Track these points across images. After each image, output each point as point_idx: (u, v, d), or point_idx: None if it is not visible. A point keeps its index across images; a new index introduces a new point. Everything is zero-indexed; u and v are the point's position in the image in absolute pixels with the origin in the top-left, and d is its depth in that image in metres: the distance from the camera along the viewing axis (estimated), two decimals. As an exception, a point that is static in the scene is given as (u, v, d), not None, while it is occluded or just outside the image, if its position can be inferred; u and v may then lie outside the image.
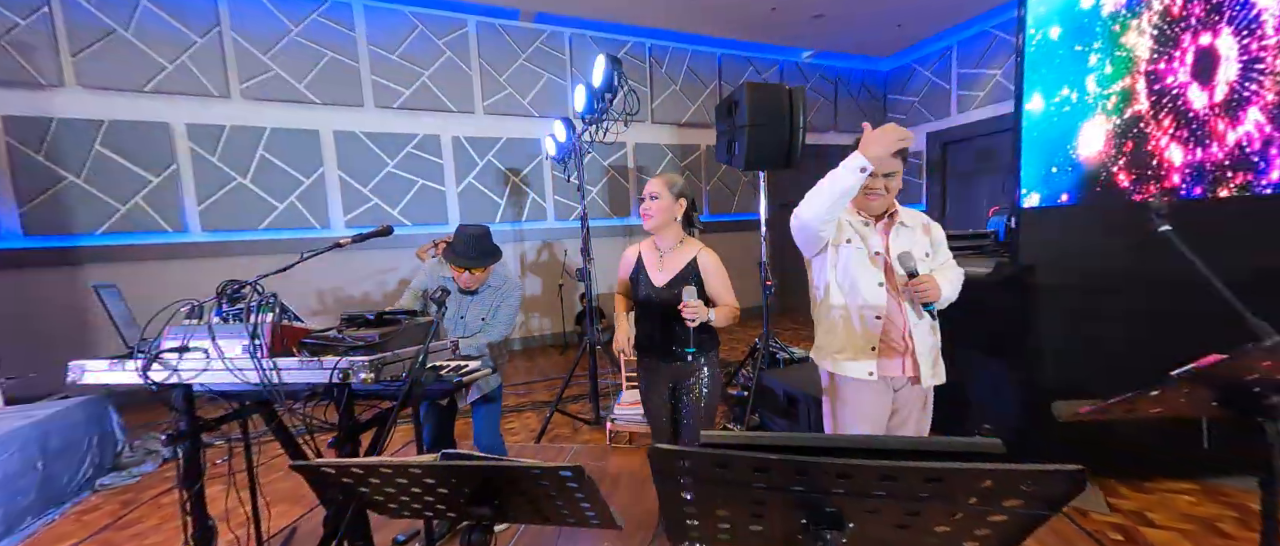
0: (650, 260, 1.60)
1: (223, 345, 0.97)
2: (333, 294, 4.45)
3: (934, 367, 1.42)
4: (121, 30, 3.67)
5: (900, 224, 1.44)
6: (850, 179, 1.24)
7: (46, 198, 3.54)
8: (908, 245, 1.40)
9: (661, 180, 1.55)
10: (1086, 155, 2.12)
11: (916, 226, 1.46)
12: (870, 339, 1.40)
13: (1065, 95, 2.09)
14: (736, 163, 3.00)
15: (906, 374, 1.41)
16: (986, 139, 5.58)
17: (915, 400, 1.44)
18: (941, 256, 1.47)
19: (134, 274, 3.73)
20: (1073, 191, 2.13)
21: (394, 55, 4.50)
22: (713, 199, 6.00)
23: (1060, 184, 2.13)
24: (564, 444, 2.85)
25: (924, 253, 1.43)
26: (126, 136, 3.71)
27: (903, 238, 1.43)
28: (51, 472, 2.35)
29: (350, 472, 0.63)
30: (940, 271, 1.43)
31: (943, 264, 1.47)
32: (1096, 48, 2.08)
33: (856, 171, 1.23)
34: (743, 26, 5.25)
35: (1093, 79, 2.08)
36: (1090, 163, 2.12)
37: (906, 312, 1.38)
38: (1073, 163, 2.12)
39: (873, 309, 1.39)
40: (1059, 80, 2.09)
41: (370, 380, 0.93)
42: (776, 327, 3.20)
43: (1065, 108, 2.09)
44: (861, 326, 1.40)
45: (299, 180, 4.25)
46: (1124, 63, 2.08)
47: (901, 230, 1.43)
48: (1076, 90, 2.09)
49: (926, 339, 1.40)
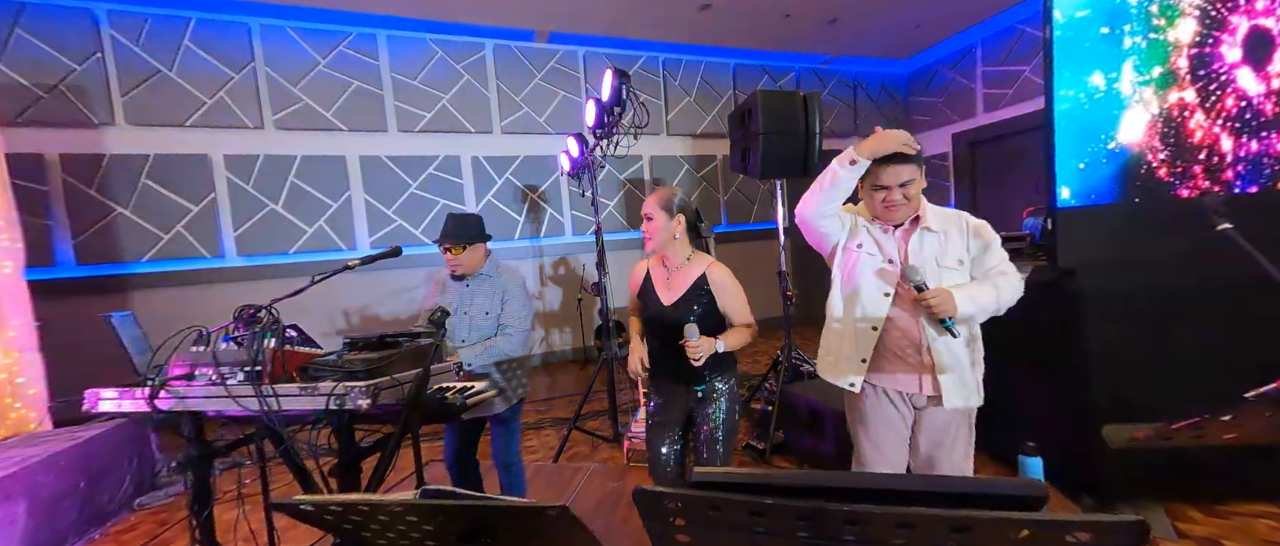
0: (658, 277, 1.52)
1: (227, 372, 0.98)
2: (360, 313, 4.56)
3: (963, 388, 1.28)
4: (166, 70, 3.92)
5: (924, 229, 1.31)
6: (840, 172, 1.23)
7: (97, 228, 3.78)
8: (933, 252, 1.30)
9: (655, 199, 1.47)
10: (1125, 148, 1.96)
11: (947, 230, 1.32)
12: (861, 350, 1.32)
13: (1099, 84, 1.95)
14: (752, 172, 2.94)
15: (925, 392, 1.30)
16: (1017, 138, 5.33)
17: (948, 422, 1.31)
18: (991, 260, 1.30)
19: (175, 298, 3.92)
20: (1112, 188, 1.97)
21: (415, 81, 4.65)
22: (731, 209, 5.92)
23: (1098, 180, 1.97)
24: (581, 462, 2.79)
25: (957, 260, 1.29)
26: (169, 169, 3.93)
27: (927, 244, 1.31)
28: (93, 492, 2.44)
29: (329, 510, 0.60)
30: (977, 283, 1.27)
31: (991, 269, 1.29)
32: (1130, 31, 1.93)
33: (847, 164, 1.23)
34: (756, 36, 5.21)
35: (1129, 65, 1.94)
36: (1130, 157, 1.96)
37: (923, 327, 1.27)
38: (1111, 157, 1.96)
39: (870, 320, 1.31)
40: (1091, 68, 1.95)
41: (367, 406, 0.92)
42: (798, 338, 3.08)
43: (1098, 97, 1.95)
44: (855, 337, 1.33)
45: (327, 204, 4.41)
46: (1162, 46, 1.93)
47: (925, 236, 1.31)
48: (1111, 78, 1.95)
49: (954, 357, 1.27)
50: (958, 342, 1.25)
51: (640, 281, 1.56)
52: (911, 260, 1.29)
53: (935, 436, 1.32)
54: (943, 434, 1.32)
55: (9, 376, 2.58)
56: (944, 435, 1.32)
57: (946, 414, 1.30)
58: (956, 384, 1.28)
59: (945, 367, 1.27)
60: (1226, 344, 1.83)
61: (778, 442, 2.78)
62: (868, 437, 1.37)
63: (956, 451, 1.32)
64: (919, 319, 1.28)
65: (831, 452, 2.46)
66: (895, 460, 1.35)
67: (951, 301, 1.20)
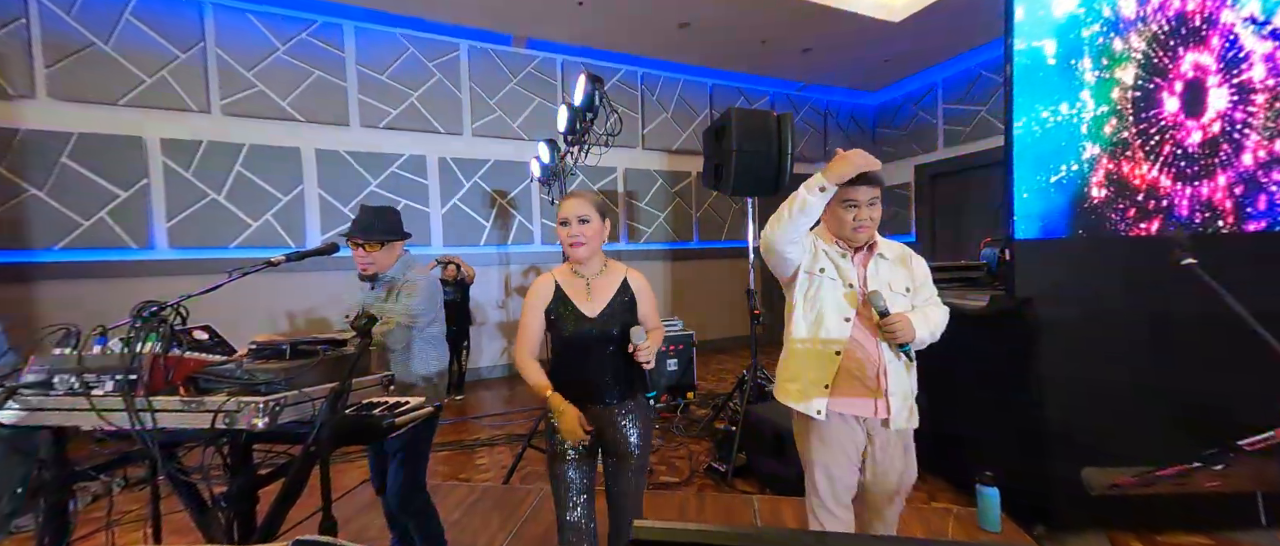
0: (574, 289, 1.34)
1: (92, 379, 0.82)
2: (304, 315, 4.25)
3: (907, 410, 1.33)
4: (101, 43, 3.60)
5: (879, 256, 1.37)
6: (809, 198, 1.23)
7: (4, 210, 3.38)
8: (887, 278, 1.35)
9: (587, 200, 1.32)
10: (1080, 182, 2.04)
11: (896, 259, 1.39)
12: (824, 375, 1.31)
13: (1055, 120, 2.03)
14: (724, 188, 2.92)
15: (877, 414, 1.32)
16: (974, 173, 5.60)
17: (894, 444, 1.34)
18: (924, 293, 1.38)
19: (94, 291, 3.54)
20: (1068, 221, 2.04)
21: (383, 75, 4.46)
22: (703, 226, 5.93)
23: (1054, 213, 2.04)
24: (535, 483, 2.63)
25: (904, 288, 1.35)
26: (96, 149, 3.59)
27: (882, 270, 1.36)
28: (-43, 512, 2.10)
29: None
30: (921, 310, 1.34)
31: (925, 301, 1.38)
32: (1085, 67, 2.03)
33: (816, 190, 1.22)
34: (734, 58, 5.30)
35: (1083, 101, 2.03)
36: (1084, 190, 2.04)
37: (882, 351, 1.30)
38: (1066, 191, 2.04)
39: (833, 344, 1.32)
40: (1048, 103, 2.03)
41: (261, 425, 0.78)
42: (765, 358, 3.05)
43: (1050, 128, 2.02)
44: (819, 361, 1.33)
45: (276, 197, 4.12)
46: (1109, 87, 2.03)
47: (880, 262, 1.37)
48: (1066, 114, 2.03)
49: (901, 381, 1.32)
50: (904, 366, 1.31)
51: (549, 295, 1.34)
52: (871, 285, 1.33)
53: (887, 457, 1.35)
54: (894, 454, 1.35)
55: None
56: (895, 455, 1.35)
57: (895, 435, 1.34)
58: (903, 406, 1.32)
59: (895, 391, 1.31)
60: (1176, 373, 1.90)
61: (739, 465, 2.70)
62: (824, 462, 1.35)
63: (899, 466, 1.35)
64: (877, 342, 1.31)
65: (794, 476, 2.40)
66: (849, 483, 1.36)
67: (912, 327, 1.25)
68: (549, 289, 1.35)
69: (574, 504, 1.30)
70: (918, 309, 1.34)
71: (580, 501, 1.30)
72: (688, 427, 3.39)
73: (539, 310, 1.34)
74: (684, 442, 3.17)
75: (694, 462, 2.88)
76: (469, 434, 3.45)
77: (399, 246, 1.63)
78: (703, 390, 4.13)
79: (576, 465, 1.31)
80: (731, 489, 2.58)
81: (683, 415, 3.60)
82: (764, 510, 2.28)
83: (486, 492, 2.46)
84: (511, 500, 2.39)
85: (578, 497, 1.30)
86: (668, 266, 5.74)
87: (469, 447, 3.23)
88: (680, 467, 2.84)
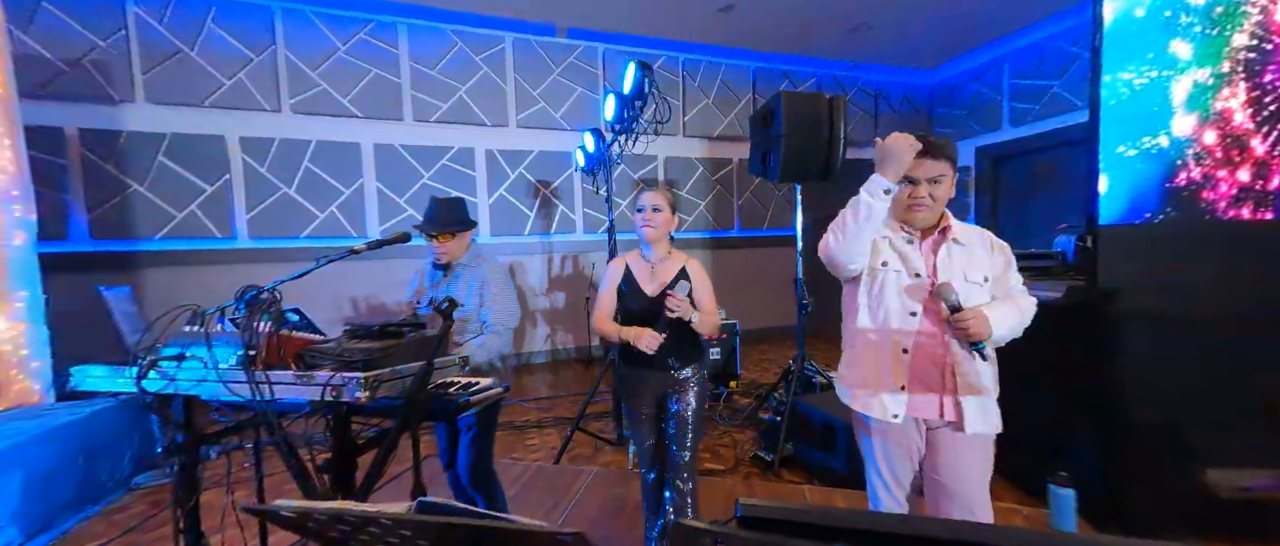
0: (640, 271, 1.60)
1: (222, 354, 0.92)
2: (367, 302, 4.54)
3: (985, 413, 1.20)
4: (187, 50, 3.93)
5: (953, 241, 1.24)
6: (874, 203, 1.14)
7: (112, 205, 3.79)
8: (961, 266, 1.22)
9: (663, 194, 1.58)
10: (1173, 158, 1.85)
11: (975, 245, 1.25)
12: (898, 376, 1.21)
13: (1144, 86, 1.84)
14: (771, 175, 2.86)
15: (945, 417, 1.20)
16: (1044, 154, 5.18)
17: (965, 448, 1.21)
18: (1007, 283, 1.26)
19: (186, 277, 3.92)
20: (1161, 204, 1.86)
21: (433, 71, 4.63)
22: (745, 214, 5.83)
23: (1145, 195, 1.86)
24: (584, 465, 2.72)
25: (982, 277, 1.22)
26: (186, 148, 3.94)
27: (955, 258, 1.23)
28: (91, 469, 2.41)
29: (312, 518, 0.54)
30: (1001, 303, 1.20)
31: (1008, 293, 1.25)
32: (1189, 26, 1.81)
33: (880, 194, 1.13)
34: (779, 40, 5.13)
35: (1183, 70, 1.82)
36: (1175, 168, 1.85)
37: (951, 347, 1.19)
38: (1154, 168, 1.85)
39: (901, 341, 1.21)
40: (1137, 66, 1.83)
41: (364, 399, 0.86)
42: (811, 349, 2.99)
43: (1144, 99, 1.83)
44: (890, 360, 1.22)
45: (340, 190, 4.39)
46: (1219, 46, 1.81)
47: (954, 249, 1.23)
48: (1163, 82, 1.83)
49: (978, 379, 1.19)
50: (982, 365, 1.18)
51: (620, 275, 1.62)
52: (941, 275, 1.20)
53: (953, 463, 1.22)
54: (961, 461, 1.22)
55: (13, 348, 2.57)
56: (962, 462, 1.22)
57: (966, 439, 1.20)
58: (979, 409, 1.19)
59: (970, 391, 1.18)
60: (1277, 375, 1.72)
61: (786, 455, 2.69)
62: (885, 466, 1.28)
63: (973, 479, 1.22)
64: (946, 338, 1.19)
65: (844, 469, 2.36)
66: (910, 488, 1.29)
67: (987, 323, 1.12)
68: (620, 270, 1.63)
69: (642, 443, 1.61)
70: (998, 301, 1.21)
71: (647, 445, 1.62)
72: (731, 416, 3.39)
73: (612, 287, 1.62)
74: (728, 431, 3.17)
75: (739, 451, 2.89)
76: (518, 415, 3.60)
77: (468, 235, 1.74)
78: (746, 379, 4.10)
79: (642, 426, 1.61)
80: (777, 478, 2.57)
81: (726, 404, 3.60)
82: (816, 500, 2.26)
83: (540, 471, 2.57)
84: (563, 480, 2.49)
85: (645, 441, 1.62)
86: (709, 255, 5.69)
87: (519, 428, 3.37)
88: (725, 456, 2.85)
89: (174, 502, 1.03)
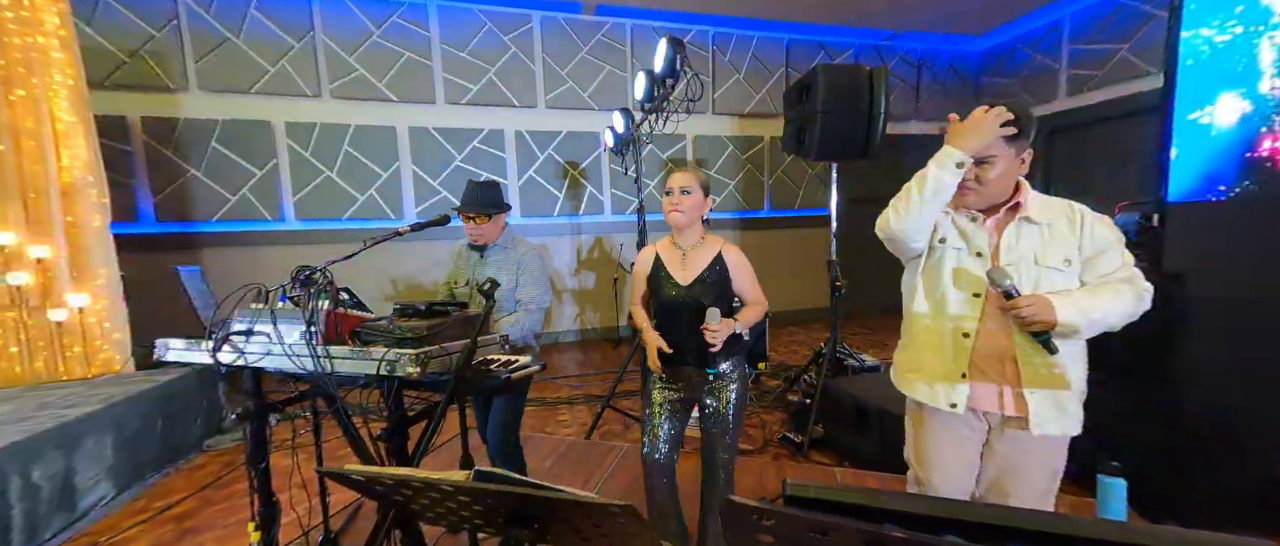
0: (671, 259, 1.46)
1: (284, 330, 0.99)
2: (405, 281, 4.72)
3: (1058, 412, 1.09)
4: (233, 37, 4.09)
5: (1024, 220, 1.10)
6: (945, 177, 1.04)
7: (173, 189, 4.05)
8: (1032, 247, 1.09)
9: (692, 174, 1.42)
10: (1263, 127, 1.68)
11: (1052, 221, 1.10)
12: (959, 363, 1.12)
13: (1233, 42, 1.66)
14: (807, 153, 2.77)
15: (1004, 411, 1.11)
16: (1105, 125, 4.80)
17: (1032, 450, 1.11)
18: (1105, 265, 1.08)
19: (239, 257, 4.17)
20: (1238, 177, 1.70)
21: (464, 52, 4.66)
22: (775, 193, 5.69)
23: (1222, 167, 1.70)
24: (614, 441, 2.79)
25: (1063, 259, 1.08)
26: (236, 134, 4.14)
27: (1026, 237, 1.10)
28: (169, 431, 2.65)
29: (380, 482, 0.58)
30: (1083, 290, 1.06)
31: (1105, 277, 1.08)
32: None
33: (952, 168, 1.03)
34: (815, 8, 4.88)
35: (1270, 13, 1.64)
36: (1267, 137, 1.68)
37: (1012, 335, 1.09)
38: (1242, 138, 1.68)
39: (961, 326, 1.11)
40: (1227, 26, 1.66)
41: (416, 374, 0.91)
42: (844, 332, 2.93)
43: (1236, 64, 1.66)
44: (949, 346, 1.13)
45: (377, 174, 4.54)
46: None
47: (1025, 228, 1.10)
48: (1251, 37, 1.65)
49: (1049, 373, 1.07)
50: (1057, 358, 1.05)
51: (650, 265, 1.48)
52: (1003, 257, 1.09)
53: (1012, 463, 1.14)
54: (1022, 461, 1.13)
55: (97, 320, 2.82)
56: (1023, 463, 1.13)
57: (1031, 440, 1.11)
58: (1051, 406, 1.08)
59: (1037, 385, 1.07)
60: None
61: (815, 437, 2.68)
62: (937, 461, 1.20)
63: (1036, 483, 1.13)
64: (1008, 325, 1.09)
65: (876, 452, 2.34)
66: (962, 487, 1.19)
67: (1049, 309, 1.00)
68: (649, 260, 1.49)
69: (660, 447, 1.44)
70: (1089, 287, 1.07)
71: (665, 450, 1.44)
72: (760, 398, 3.39)
73: (641, 279, 1.51)
74: (756, 411, 3.18)
75: (767, 432, 2.90)
76: (550, 392, 3.71)
77: (503, 217, 1.78)
78: (774, 361, 4.08)
79: (669, 416, 1.45)
80: (806, 460, 2.58)
81: (755, 385, 3.60)
82: (848, 481, 2.26)
83: (573, 446, 2.66)
84: (595, 455, 2.57)
85: (664, 444, 1.43)
86: (738, 236, 5.61)
87: (551, 404, 3.48)
88: (753, 436, 2.87)
89: (247, 462, 1.12)
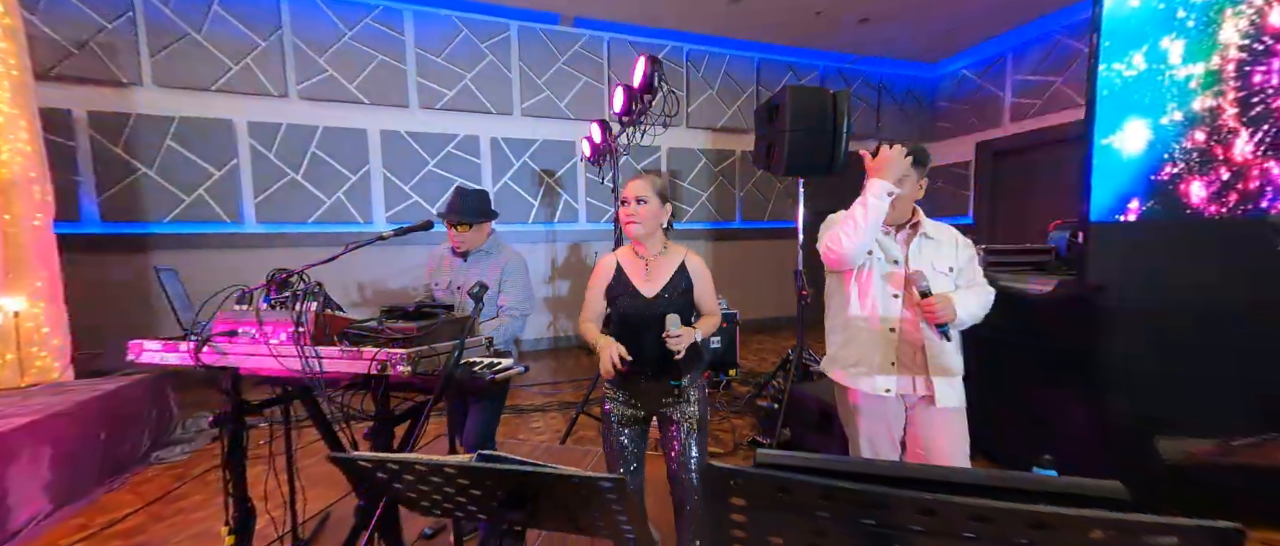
0: (634, 269, 1.41)
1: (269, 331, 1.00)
2: (373, 287, 4.60)
3: (954, 389, 1.37)
4: (194, 32, 3.94)
5: (923, 235, 1.40)
6: (879, 204, 1.29)
7: (122, 187, 3.83)
8: (930, 257, 1.38)
9: (646, 182, 1.38)
10: (1164, 155, 1.93)
11: (943, 240, 1.42)
12: (888, 354, 1.38)
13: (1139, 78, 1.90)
14: (776, 168, 2.92)
15: (918, 392, 1.38)
16: (1043, 151, 5.25)
17: (939, 422, 1.38)
18: (969, 275, 1.43)
19: (194, 260, 3.97)
20: (1149, 201, 1.94)
21: (439, 58, 4.64)
22: (747, 205, 5.90)
23: (1134, 193, 1.94)
24: (589, 446, 2.82)
25: (948, 267, 1.39)
26: (194, 132, 3.96)
27: (926, 250, 1.39)
28: (113, 443, 2.50)
29: (386, 467, 0.62)
30: (965, 291, 1.38)
31: (969, 283, 1.42)
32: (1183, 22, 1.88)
33: (884, 196, 1.28)
34: (785, 31, 5.15)
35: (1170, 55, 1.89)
36: (1169, 168, 1.93)
37: (922, 328, 1.35)
38: (1139, 161, 1.93)
39: (887, 322, 1.38)
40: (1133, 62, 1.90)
41: (408, 373, 0.93)
42: (809, 339, 3.09)
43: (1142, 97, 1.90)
44: (881, 340, 1.39)
45: (346, 177, 4.43)
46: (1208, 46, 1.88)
47: (924, 242, 1.40)
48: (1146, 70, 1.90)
49: (944, 358, 1.36)
50: (948, 346, 1.34)
51: (610, 275, 1.43)
52: (913, 264, 1.37)
53: (933, 435, 1.39)
54: (942, 432, 1.39)
55: (35, 325, 2.64)
56: (943, 433, 1.39)
57: (941, 413, 1.37)
58: (949, 384, 1.36)
59: (941, 369, 1.35)
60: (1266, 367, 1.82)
61: (783, 440, 2.79)
62: (870, 436, 1.44)
63: (953, 449, 1.38)
64: (917, 321, 1.36)
65: (840, 451, 2.47)
66: (890, 457, 1.43)
67: (953, 307, 1.28)
68: (610, 269, 1.44)
69: (624, 470, 1.40)
70: (961, 290, 1.38)
71: (631, 468, 1.40)
72: (730, 403, 3.50)
73: (599, 289, 1.45)
74: (727, 417, 3.28)
75: (737, 436, 3.00)
76: (524, 399, 3.70)
77: (488, 226, 1.81)
78: (743, 368, 4.21)
79: (630, 434, 1.41)
80: (776, 461, 2.68)
81: (725, 391, 3.71)
82: (810, 481, 2.37)
83: (549, 451, 2.68)
84: (570, 459, 2.59)
85: (629, 465, 1.40)
86: (710, 246, 5.77)
87: (523, 411, 3.47)
88: (724, 440, 2.96)
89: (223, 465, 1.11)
